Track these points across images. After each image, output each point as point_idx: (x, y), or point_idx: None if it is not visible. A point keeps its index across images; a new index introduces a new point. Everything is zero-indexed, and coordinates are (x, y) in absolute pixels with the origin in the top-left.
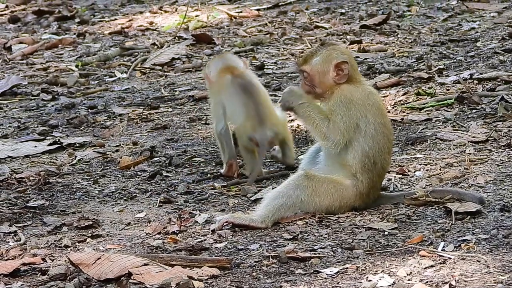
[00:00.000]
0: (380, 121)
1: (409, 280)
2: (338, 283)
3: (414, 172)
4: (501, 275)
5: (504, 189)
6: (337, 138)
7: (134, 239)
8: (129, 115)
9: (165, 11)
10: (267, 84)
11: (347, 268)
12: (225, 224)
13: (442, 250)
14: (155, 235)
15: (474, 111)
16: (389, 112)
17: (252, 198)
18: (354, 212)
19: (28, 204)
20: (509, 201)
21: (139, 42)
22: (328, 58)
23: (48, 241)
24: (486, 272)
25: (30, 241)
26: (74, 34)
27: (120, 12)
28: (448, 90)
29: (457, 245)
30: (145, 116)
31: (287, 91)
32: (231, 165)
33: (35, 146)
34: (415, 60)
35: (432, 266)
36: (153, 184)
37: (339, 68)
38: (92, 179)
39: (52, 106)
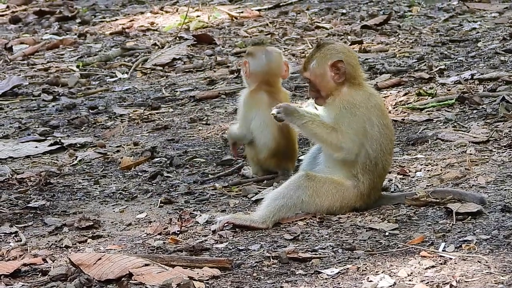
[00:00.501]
0: (383, 123)
1: (409, 280)
2: (339, 283)
3: (415, 172)
4: (502, 276)
5: (505, 190)
6: (350, 145)
7: (135, 239)
8: (130, 115)
9: (166, 12)
10: None
11: (347, 268)
12: (226, 224)
13: (443, 250)
14: (155, 235)
15: (475, 111)
16: (390, 112)
17: (253, 199)
18: (355, 212)
19: (29, 205)
20: (510, 202)
21: (140, 43)
22: (323, 59)
23: (49, 241)
24: (487, 272)
25: (31, 242)
26: (75, 34)
27: (121, 12)
28: (449, 90)
29: (458, 245)
30: (146, 116)
31: (282, 109)
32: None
33: (36, 147)
34: (416, 60)
35: (433, 266)
36: (154, 184)
37: (336, 67)
38: (93, 179)
39: (53, 106)
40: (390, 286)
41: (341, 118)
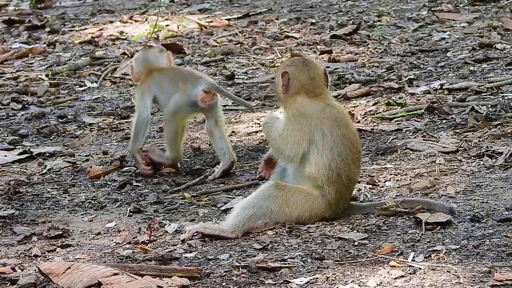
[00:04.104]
0: (339, 133)
1: None
2: None
3: (384, 182)
4: (471, 286)
5: (474, 200)
6: (287, 152)
7: (104, 248)
8: (99, 124)
9: (136, 21)
10: (237, 93)
11: (317, 278)
12: (195, 234)
13: (412, 260)
14: (125, 244)
15: (444, 121)
16: (359, 122)
17: (222, 208)
18: (324, 222)
19: None
20: (479, 212)
21: (109, 52)
22: (279, 69)
23: (17, 250)
24: (456, 282)
25: (0, 251)
26: (44, 43)
27: (90, 21)
28: (418, 100)
29: (427, 255)
30: (115, 125)
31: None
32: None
33: (5, 156)
34: (385, 70)
35: (402, 276)
36: (123, 193)
37: (283, 78)
38: (62, 188)
39: (22, 115)
40: None
41: (288, 125)
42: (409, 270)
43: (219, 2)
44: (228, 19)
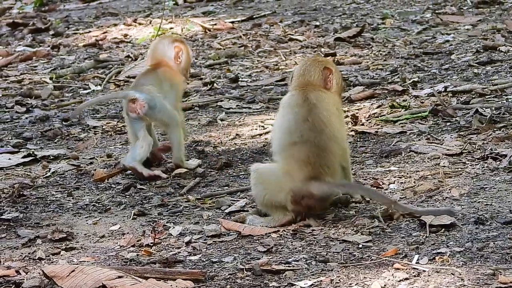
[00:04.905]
0: (297, 111)
1: None
2: None
3: (389, 185)
4: None
5: (479, 202)
6: (276, 139)
7: (108, 251)
8: (103, 127)
9: (140, 24)
10: (241, 96)
11: (321, 281)
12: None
13: (416, 263)
14: (129, 247)
15: (448, 123)
16: (363, 124)
17: (226, 211)
18: (328, 224)
19: (2, 217)
20: (484, 214)
21: (113, 55)
22: None
23: (22, 253)
24: (461, 285)
25: (4, 254)
26: (49, 46)
27: (94, 24)
28: (422, 102)
29: (432, 258)
30: (119, 128)
31: None
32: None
33: (9, 159)
34: (389, 72)
35: (406, 279)
36: (127, 196)
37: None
38: (66, 191)
39: (26, 118)
40: None
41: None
42: (413, 272)
43: (223, 5)
44: (232, 22)
